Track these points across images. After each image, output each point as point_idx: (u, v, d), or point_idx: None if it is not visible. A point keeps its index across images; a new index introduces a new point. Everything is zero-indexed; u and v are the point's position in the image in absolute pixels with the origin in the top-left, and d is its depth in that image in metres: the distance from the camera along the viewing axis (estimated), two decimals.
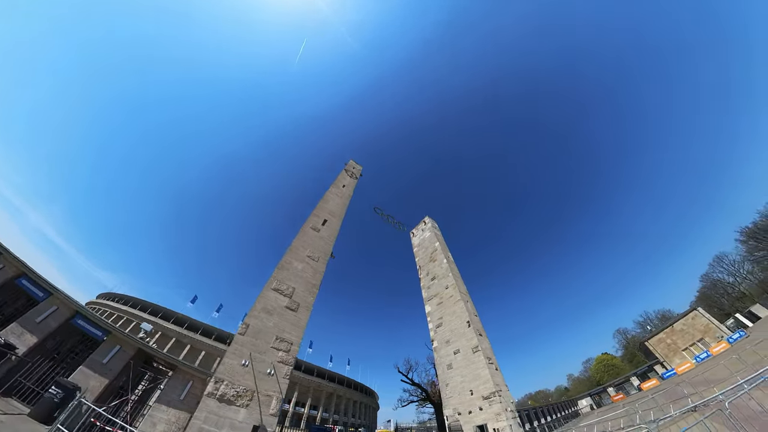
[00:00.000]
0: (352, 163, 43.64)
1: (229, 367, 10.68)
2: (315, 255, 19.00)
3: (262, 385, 11.09)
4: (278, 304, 14.24)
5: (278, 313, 13.91)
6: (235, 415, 9.83)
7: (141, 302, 59.53)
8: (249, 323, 12.34)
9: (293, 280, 16.02)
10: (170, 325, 55.43)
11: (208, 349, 53.32)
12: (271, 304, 13.91)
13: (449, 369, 32.62)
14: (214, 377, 10.00)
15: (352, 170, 40.90)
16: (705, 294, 60.49)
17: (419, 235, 54.36)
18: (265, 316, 13.23)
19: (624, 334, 71.70)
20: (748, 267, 53.36)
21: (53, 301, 11.63)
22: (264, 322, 13.02)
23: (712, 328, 38.62)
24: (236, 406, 9.98)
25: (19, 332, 10.56)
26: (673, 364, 40.15)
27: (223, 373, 10.35)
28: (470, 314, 35.50)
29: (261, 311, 13.23)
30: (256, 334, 12.41)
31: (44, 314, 11.01)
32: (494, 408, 25.58)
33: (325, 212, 24.68)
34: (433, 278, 44.01)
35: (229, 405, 9.89)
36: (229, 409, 9.83)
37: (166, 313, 59.25)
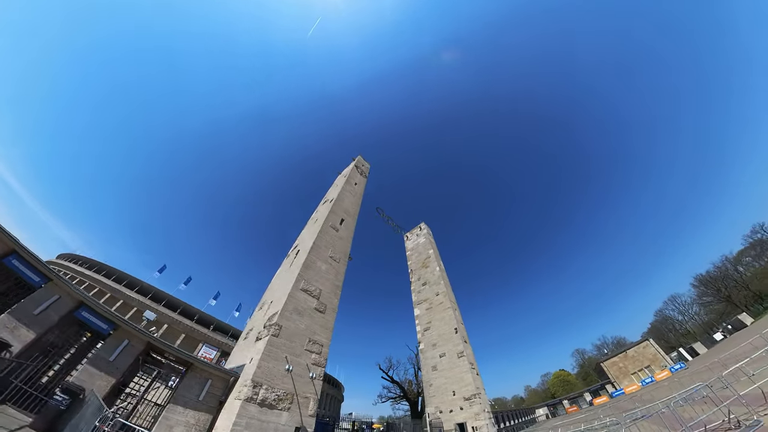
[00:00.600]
0: (361, 159, 43.58)
1: (266, 370, 10.91)
2: (336, 256, 19.35)
3: (300, 388, 11.50)
4: (308, 306, 14.56)
5: (308, 315, 14.25)
6: (277, 418, 10.16)
7: (107, 268, 54.50)
8: (281, 324, 12.57)
9: (319, 282, 16.34)
10: (154, 304, 52.59)
11: (188, 330, 51.60)
12: (301, 305, 14.20)
13: (434, 370, 34.62)
14: (252, 381, 10.12)
15: (362, 168, 40.94)
16: (656, 327, 68.64)
17: (413, 240, 55.77)
18: (296, 318, 13.53)
19: (582, 354, 79.54)
20: (695, 309, 61.42)
21: (54, 289, 10.17)
22: (296, 323, 13.32)
23: (659, 358, 43.90)
24: (278, 410, 10.28)
25: (12, 326, 9.03)
26: (622, 385, 45.35)
27: (260, 376, 10.57)
28: (458, 322, 37.68)
29: (292, 312, 13.50)
30: (290, 337, 12.70)
31: (44, 305, 9.56)
32: (474, 408, 27.90)
33: (342, 210, 24.84)
34: (424, 283, 45.73)
35: (271, 409, 10.17)
36: (272, 413, 10.11)
37: (149, 290, 55.56)
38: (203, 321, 58.65)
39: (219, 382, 11.22)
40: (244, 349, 13.94)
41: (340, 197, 26.33)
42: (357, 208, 29.03)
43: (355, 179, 35.25)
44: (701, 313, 61.19)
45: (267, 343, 11.41)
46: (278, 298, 14.73)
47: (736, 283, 55.95)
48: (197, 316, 57.92)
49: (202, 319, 58.37)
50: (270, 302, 15.82)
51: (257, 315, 16.85)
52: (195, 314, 57.96)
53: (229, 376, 11.41)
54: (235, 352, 14.97)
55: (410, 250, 55.12)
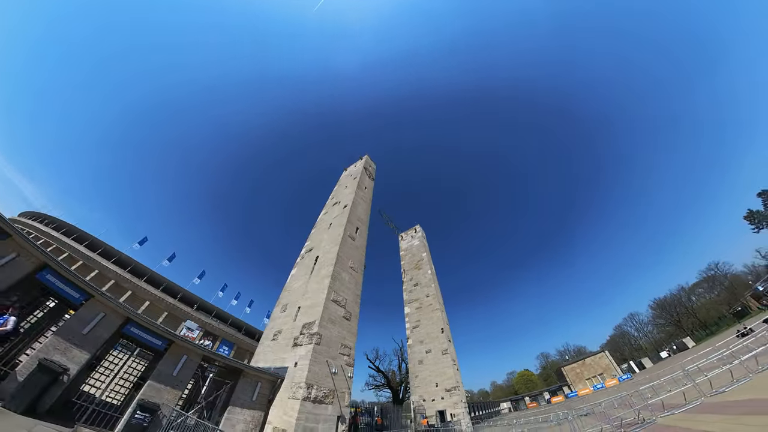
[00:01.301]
0: (368, 160, 44.96)
1: (314, 373, 13.24)
2: (355, 266, 21.53)
3: (338, 385, 14.04)
4: (338, 315, 16.80)
5: (339, 323, 16.53)
6: (324, 411, 12.66)
7: (78, 231, 50.79)
8: (321, 333, 14.79)
9: (345, 292, 18.52)
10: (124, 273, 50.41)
11: (170, 309, 51.83)
12: (333, 314, 16.40)
13: (420, 364, 38.59)
14: (306, 383, 12.44)
15: (370, 170, 42.46)
16: (614, 339, 78.09)
17: (408, 241, 58.69)
18: (331, 326, 15.77)
19: (546, 357, 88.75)
20: (650, 328, 70.60)
21: (98, 306, 10.11)
22: (331, 331, 15.59)
23: (611, 368, 50.93)
24: (325, 404, 12.78)
25: (63, 348, 8.91)
26: (577, 388, 52.38)
27: (311, 379, 12.90)
28: (444, 323, 41.65)
29: (327, 322, 15.70)
30: (328, 343, 14.99)
31: (91, 324, 9.42)
32: (453, 399, 32.21)
33: (356, 219, 26.76)
34: (416, 284, 49.15)
35: (320, 404, 12.63)
36: (320, 407, 12.58)
37: (109, 251, 50.93)
38: (187, 300, 58.38)
39: (267, 384, 13.39)
40: (277, 351, 16.08)
41: (354, 204, 28.10)
42: (368, 215, 31.04)
43: (365, 183, 36.90)
44: (654, 332, 70.78)
45: (312, 350, 13.69)
46: (311, 306, 16.86)
47: (687, 310, 65.19)
48: (180, 294, 57.54)
49: (185, 297, 58.04)
50: (298, 308, 17.91)
51: (281, 317, 18.86)
52: (179, 292, 57.47)
53: (276, 378, 13.61)
54: (265, 352, 17.01)
55: (404, 250, 58.04)
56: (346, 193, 32.58)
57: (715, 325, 56.81)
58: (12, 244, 9.57)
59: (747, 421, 6.00)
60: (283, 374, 13.79)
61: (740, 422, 6.04)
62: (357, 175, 37.58)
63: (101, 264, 47.81)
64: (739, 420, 6.37)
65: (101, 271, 47.47)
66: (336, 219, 26.53)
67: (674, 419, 8.89)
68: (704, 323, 61.16)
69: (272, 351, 16.45)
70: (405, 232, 61.61)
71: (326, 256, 20.82)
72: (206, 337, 56.76)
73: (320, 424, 12.11)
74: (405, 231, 61.87)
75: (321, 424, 12.14)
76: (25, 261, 9.58)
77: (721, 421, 6.72)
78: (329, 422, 12.49)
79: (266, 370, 13.71)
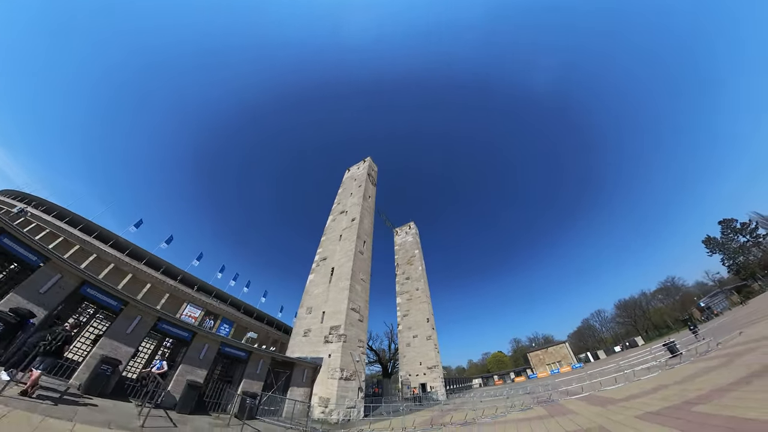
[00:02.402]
0: (371, 164, 49.91)
1: (344, 361, 20.33)
2: (365, 277, 28.12)
3: (358, 368, 21.43)
4: (355, 319, 23.61)
5: (356, 325, 23.41)
6: (351, 385, 19.99)
7: (70, 214, 51.34)
8: (346, 334, 21.70)
9: (358, 300, 25.21)
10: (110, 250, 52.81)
11: (171, 290, 56.56)
12: (352, 319, 23.19)
13: (408, 346, 47.50)
14: (340, 368, 19.49)
15: (372, 175, 47.71)
16: (580, 330, 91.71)
17: (402, 236, 65.72)
18: (351, 328, 22.64)
19: (517, 342, 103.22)
20: (612, 324, 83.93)
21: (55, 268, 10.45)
22: (351, 332, 22.47)
23: (568, 357, 62.29)
24: (351, 381, 20.10)
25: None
26: (537, 371, 63.92)
27: (343, 365, 20.02)
28: (430, 314, 50.27)
29: (348, 325, 22.51)
30: (350, 341, 21.92)
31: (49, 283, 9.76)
32: (433, 375, 41.45)
33: (363, 233, 32.82)
34: (407, 278, 57.07)
35: (348, 381, 19.88)
36: (348, 383, 19.85)
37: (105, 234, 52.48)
38: (187, 281, 62.98)
39: (310, 370, 20.43)
40: (311, 345, 23.17)
41: (361, 218, 33.94)
42: (372, 225, 37.19)
43: (369, 191, 42.44)
44: (615, 328, 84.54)
45: (341, 347, 20.73)
46: (334, 313, 23.72)
47: (643, 313, 78.00)
48: (181, 276, 61.90)
49: (185, 279, 62.62)
50: (323, 312, 24.76)
51: (308, 318, 25.74)
52: (179, 274, 61.48)
53: (316, 365, 20.63)
54: (300, 345, 24.00)
55: (398, 245, 65.26)
56: (353, 202, 38.22)
57: (666, 328, 69.64)
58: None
59: (613, 410, 9.72)
60: (320, 362, 20.80)
61: (606, 412, 9.75)
62: (361, 182, 42.85)
63: (99, 248, 49.17)
64: (607, 410, 9.91)
65: (99, 255, 48.95)
66: (345, 232, 32.60)
67: (566, 402, 16.14)
68: (655, 326, 74.41)
69: (306, 345, 23.42)
70: (400, 228, 68.45)
71: (341, 270, 27.24)
72: (207, 316, 63.32)
73: (348, 393, 19.47)
74: (400, 226, 68.66)
75: (349, 393, 19.51)
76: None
77: (592, 408, 13.13)
78: (353, 392, 19.97)
79: (309, 361, 20.66)
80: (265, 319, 74.39)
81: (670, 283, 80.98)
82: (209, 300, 65.30)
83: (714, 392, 8.47)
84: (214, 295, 68.15)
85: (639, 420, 8.02)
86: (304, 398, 18.93)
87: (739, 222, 67.99)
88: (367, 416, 20.69)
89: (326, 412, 18.41)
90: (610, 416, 9.32)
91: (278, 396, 17.13)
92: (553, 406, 14.47)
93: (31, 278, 10.15)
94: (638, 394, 11.49)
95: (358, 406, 20.35)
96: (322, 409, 18.66)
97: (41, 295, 10.12)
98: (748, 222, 66.31)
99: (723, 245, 69.54)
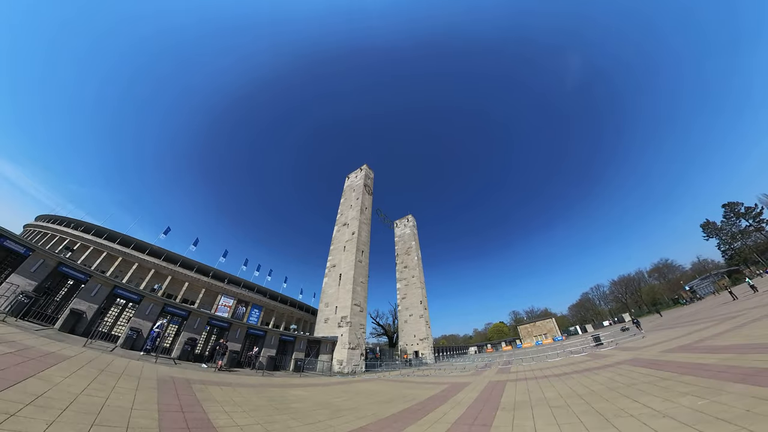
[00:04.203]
0: (368, 171, 61.59)
1: (351, 337, 35.01)
2: (363, 279, 41.85)
3: (360, 341, 36.30)
4: (357, 311, 37.80)
5: (357, 315, 37.66)
6: (356, 351, 35.17)
7: (107, 231, 64.21)
8: (351, 321, 35.98)
9: (358, 297, 39.15)
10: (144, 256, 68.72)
11: (206, 286, 72.79)
12: (355, 311, 37.31)
13: (405, 323, 63.10)
14: (348, 342, 33.94)
15: (368, 184, 59.69)
16: (581, 303, 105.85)
17: (401, 228, 78.87)
18: (354, 317, 36.92)
19: (516, 315, 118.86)
20: (609, 299, 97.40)
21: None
22: (354, 319, 36.78)
23: (554, 331, 76.93)
24: (356, 350, 35.03)
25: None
26: (524, 342, 79.23)
27: (350, 341, 34.66)
28: (423, 297, 64.97)
29: (352, 315, 36.67)
30: (354, 325, 36.35)
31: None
32: (424, 344, 57.13)
33: (362, 244, 45.90)
34: (405, 266, 71.25)
35: (354, 350, 34.82)
36: (354, 351, 34.86)
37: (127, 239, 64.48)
38: (217, 276, 78.79)
39: (330, 344, 35.19)
40: (329, 329, 37.93)
41: (359, 231, 46.83)
42: (369, 234, 50.21)
43: (365, 202, 54.90)
44: (611, 302, 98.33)
45: (348, 329, 35.20)
46: (343, 307, 37.93)
47: (634, 291, 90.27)
48: (212, 273, 77.74)
49: (216, 275, 78.48)
50: (336, 307, 39.02)
51: (326, 310, 40.41)
52: (209, 271, 77.16)
53: (333, 341, 35.46)
54: (322, 329, 38.94)
55: (398, 236, 78.81)
56: (352, 216, 51.02)
57: (659, 304, 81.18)
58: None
59: (548, 378, 24.11)
60: (336, 339, 35.51)
61: (542, 380, 23.59)
62: (359, 194, 55.20)
63: (139, 257, 62.61)
64: (543, 380, 15.23)
65: (141, 263, 62.36)
66: (348, 244, 45.93)
67: (516, 366, 29.46)
68: (650, 302, 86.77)
69: (327, 328, 38.22)
70: (399, 220, 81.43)
71: (346, 276, 41.00)
72: (239, 304, 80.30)
73: (354, 358, 34.40)
74: (399, 219, 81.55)
75: (354, 358, 34.46)
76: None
77: (531, 372, 25.69)
78: (357, 357, 35.01)
79: (329, 338, 35.36)
80: (288, 301, 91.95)
81: (662, 264, 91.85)
82: (239, 290, 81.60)
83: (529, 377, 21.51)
84: (242, 286, 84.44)
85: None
86: (328, 360, 33.84)
87: (744, 206, 70.45)
88: (367, 371, 35.48)
89: (341, 368, 33.32)
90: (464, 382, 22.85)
91: (314, 359, 31.94)
92: (464, 374, 28.31)
93: (85, 288, 24.27)
94: (520, 370, 24.84)
95: (360, 364, 35.44)
96: (338, 367, 33.56)
97: (92, 297, 24.12)
98: (755, 206, 68.63)
99: (721, 230, 73.16)
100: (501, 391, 12.52)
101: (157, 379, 10.85)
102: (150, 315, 21.26)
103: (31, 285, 16.45)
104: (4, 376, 6.05)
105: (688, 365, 9.35)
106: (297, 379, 21.94)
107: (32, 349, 9.35)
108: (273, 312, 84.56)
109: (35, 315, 16.64)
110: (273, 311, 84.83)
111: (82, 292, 19.05)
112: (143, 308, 21.34)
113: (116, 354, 14.95)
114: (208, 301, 72.47)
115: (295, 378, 23.02)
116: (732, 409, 5.04)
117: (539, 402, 8.98)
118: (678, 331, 21.15)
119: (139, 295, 22.14)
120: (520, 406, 8.85)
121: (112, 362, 11.78)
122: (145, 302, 21.59)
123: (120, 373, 10.00)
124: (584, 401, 8.02)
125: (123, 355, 15.32)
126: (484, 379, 18.22)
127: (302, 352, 30.98)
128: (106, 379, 8.53)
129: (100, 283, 19.87)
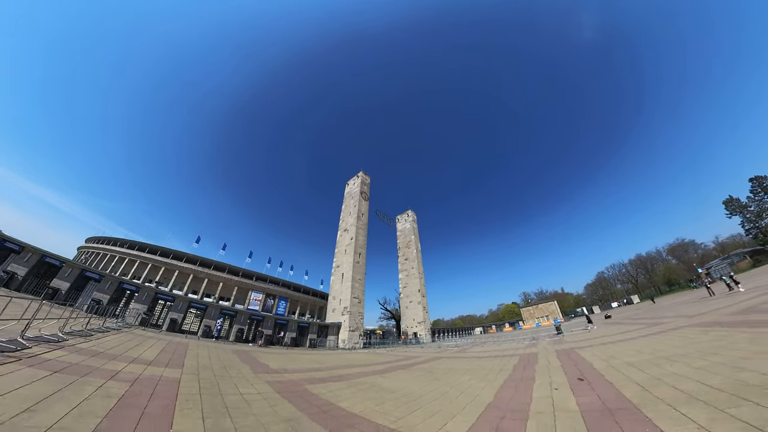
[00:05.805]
0: (364, 178, 73.33)
1: (352, 322, 48.87)
2: (360, 277, 55.10)
3: (358, 325, 50.24)
4: (355, 302, 51.40)
5: (356, 305, 51.35)
6: (355, 333, 49.17)
7: (148, 246, 79.74)
8: (351, 310, 49.57)
9: (356, 291, 52.61)
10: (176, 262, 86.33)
11: (238, 284, 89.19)
12: (354, 302, 50.81)
13: (406, 309, 76.83)
14: (349, 326, 47.69)
15: (365, 190, 71.62)
16: (596, 282, 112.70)
17: (402, 223, 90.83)
18: (353, 307, 50.56)
19: (526, 296, 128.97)
20: (623, 278, 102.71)
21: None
22: (354, 309, 50.42)
23: (555, 313, 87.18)
24: (356, 332, 49.03)
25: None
26: (525, 324, 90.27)
27: (351, 324, 48.50)
28: (422, 286, 77.88)
29: (352, 305, 50.25)
30: (353, 313, 50.03)
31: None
32: (421, 327, 70.95)
33: (359, 246, 58.63)
34: (406, 259, 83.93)
35: (354, 331, 48.87)
36: (354, 332, 48.82)
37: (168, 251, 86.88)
38: (246, 275, 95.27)
39: (336, 327, 49.43)
40: (336, 317, 51.91)
41: (357, 236, 59.46)
42: (366, 238, 62.85)
43: (362, 209, 67.14)
44: (626, 283, 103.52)
45: (348, 317, 49.04)
46: (345, 299, 51.54)
47: (647, 271, 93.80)
48: (241, 272, 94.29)
49: (246, 274, 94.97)
50: (339, 299, 52.75)
51: (333, 302, 54.43)
52: (239, 271, 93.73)
53: (338, 325, 49.80)
54: (330, 316, 53.27)
55: (399, 231, 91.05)
56: (351, 222, 63.68)
57: (676, 285, 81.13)
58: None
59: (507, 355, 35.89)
60: (340, 324, 49.60)
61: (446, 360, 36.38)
62: (356, 201, 67.50)
63: (178, 265, 78.45)
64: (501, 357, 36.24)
65: (181, 270, 78.34)
66: (348, 247, 58.96)
67: (460, 352, 41.37)
68: (665, 283, 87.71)
69: (334, 316, 52.46)
70: (400, 216, 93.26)
71: (347, 275, 54.35)
72: (268, 297, 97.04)
73: (354, 338, 48.50)
74: (400, 214, 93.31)
75: (354, 338, 48.50)
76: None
77: (495, 351, 37.66)
78: (356, 336, 49.15)
79: (335, 323, 49.47)
80: (310, 292, 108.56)
81: (680, 243, 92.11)
82: (266, 285, 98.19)
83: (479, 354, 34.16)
84: (268, 282, 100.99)
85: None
86: (335, 339, 48.06)
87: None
88: (365, 348, 49.27)
89: (344, 345, 47.45)
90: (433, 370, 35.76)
91: (324, 339, 46.20)
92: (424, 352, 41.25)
93: (173, 304, 38.69)
94: (477, 352, 37.25)
95: (359, 342, 49.53)
96: (342, 344, 47.78)
97: (106, 289, 38.75)
98: None
99: (745, 207, 69.27)
100: (412, 364, 25.14)
101: (231, 350, 24.42)
102: (214, 316, 35.74)
103: (105, 298, 31.12)
104: (179, 351, 19.41)
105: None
106: (308, 352, 35.83)
107: (173, 342, 23.05)
108: (297, 302, 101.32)
109: (147, 323, 31.32)
110: (297, 301, 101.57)
111: (173, 306, 33.66)
112: (210, 312, 35.88)
113: (204, 341, 29.12)
114: (241, 297, 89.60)
115: (307, 351, 37.02)
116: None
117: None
118: (612, 329, 24.10)
119: (205, 305, 36.71)
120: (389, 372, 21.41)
121: (206, 344, 25.60)
122: (209, 309, 36.06)
123: (215, 347, 23.60)
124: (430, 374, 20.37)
125: (206, 341, 29.50)
126: (429, 355, 30.78)
127: (314, 334, 45.26)
128: (212, 352, 21.97)
129: (181, 301, 34.39)
